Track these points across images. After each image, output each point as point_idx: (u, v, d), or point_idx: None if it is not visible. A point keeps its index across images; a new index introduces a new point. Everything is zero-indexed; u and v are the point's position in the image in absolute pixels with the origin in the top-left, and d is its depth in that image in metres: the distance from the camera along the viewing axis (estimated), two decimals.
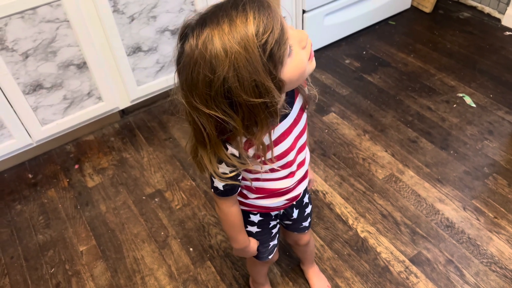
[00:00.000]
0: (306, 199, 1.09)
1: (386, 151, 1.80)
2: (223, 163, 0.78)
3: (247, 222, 1.02)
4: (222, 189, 0.85)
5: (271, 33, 0.63)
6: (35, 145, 1.83)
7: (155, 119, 2.07)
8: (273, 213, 1.04)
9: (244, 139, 0.75)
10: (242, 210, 1.00)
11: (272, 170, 0.87)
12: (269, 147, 0.78)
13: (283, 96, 0.76)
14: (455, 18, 2.53)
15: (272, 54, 0.64)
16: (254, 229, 1.03)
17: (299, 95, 0.86)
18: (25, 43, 1.56)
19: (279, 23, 0.64)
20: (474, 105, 1.96)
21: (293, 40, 0.69)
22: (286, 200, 0.98)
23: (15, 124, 1.70)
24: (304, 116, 0.88)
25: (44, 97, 1.72)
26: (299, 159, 0.92)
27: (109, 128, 2.04)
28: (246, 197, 0.95)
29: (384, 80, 2.16)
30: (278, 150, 0.83)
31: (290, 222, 1.11)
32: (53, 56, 1.64)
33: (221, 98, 0.66)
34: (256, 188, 0.92)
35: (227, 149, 0.75)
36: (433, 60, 2.24)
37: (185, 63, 0.67)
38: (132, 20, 1.73)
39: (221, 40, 0.62)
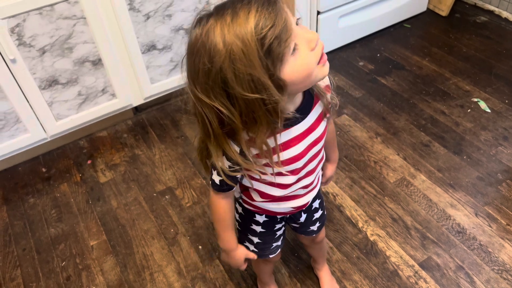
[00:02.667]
0: (316, 204, 1.08)
1: (398, 154, 1.78)
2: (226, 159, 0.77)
3: (251, 220, 1.02)
4: (218, 183, 0.85)
5: (272, 28, 0.61)
6: (49, 139, 1.86)
7: (168, 117, 2.08)
8: (279, 216, 1.03)
9: (246, 137, 0.74)
10: (249, 210, 1.00)
11: (278, 174, 0.84)
12: (275, 150, 0.76)
13: (291, 97, 0.74)
14: (471, 22, 2.50)
15: (270, 50, 0.62)
16: (258, 228, 1.03)
17: (319, 102, 0.83)
18: (42, 39, 1.58)
19: (282, 19, 0.63)
20: (489, 110, 1.94)
21: (301, 40, 0.66)
22: (292, 208, 0.96)
23: (30, 119, 1.73)
24: (323, 124, 0.85)
25: (60, 92, 1.74)
26: (309, 167, 0.88)
27: (122, 124, 2.06)
28: (253, 199, 0.94)
29: (398, 83, 2.14)
30: (284, 155, 0.80)
31: (297, 225, 1.10)
32: (69, 52, 1.66)
33: (219, 89, 0.65)
34: (258, 191, 0.90)
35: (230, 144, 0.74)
36: (448, 64, 2.22)
37: (189, 52, 0.67)
38: (148, 18, 1.74)
39: (222, 30, 0.62)
